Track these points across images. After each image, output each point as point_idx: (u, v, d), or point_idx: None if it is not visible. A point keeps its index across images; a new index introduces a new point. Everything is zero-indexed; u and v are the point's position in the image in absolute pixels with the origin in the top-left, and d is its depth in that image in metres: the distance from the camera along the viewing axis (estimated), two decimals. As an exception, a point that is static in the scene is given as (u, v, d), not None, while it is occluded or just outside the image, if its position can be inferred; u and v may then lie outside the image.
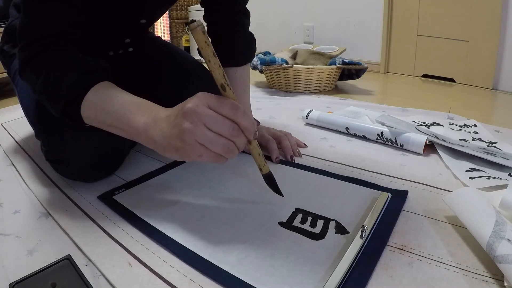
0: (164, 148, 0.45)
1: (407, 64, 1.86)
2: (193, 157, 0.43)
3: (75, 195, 0.62)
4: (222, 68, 0.43)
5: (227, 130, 0.41)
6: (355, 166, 0.71)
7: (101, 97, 0.50)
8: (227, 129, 0.41)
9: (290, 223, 0.52)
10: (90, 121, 0.52)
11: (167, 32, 2.82)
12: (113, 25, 0.71)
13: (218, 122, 0.41)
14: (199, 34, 0.40)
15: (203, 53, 0.42)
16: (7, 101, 1.47)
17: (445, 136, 0.83)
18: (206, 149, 0.42)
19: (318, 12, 2.11)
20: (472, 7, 1.54)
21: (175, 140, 0.42)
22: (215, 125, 0.41)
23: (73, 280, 0.41)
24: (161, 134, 0.44)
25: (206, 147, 0.41)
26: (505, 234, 0.41)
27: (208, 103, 0.41)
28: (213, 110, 0.41)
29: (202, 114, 0.40)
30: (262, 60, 1.46)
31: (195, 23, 0.40)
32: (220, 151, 0.42)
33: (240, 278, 0.41)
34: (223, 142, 0.42)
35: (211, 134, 0.41)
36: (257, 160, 0.51)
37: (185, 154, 0.43)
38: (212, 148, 0.42)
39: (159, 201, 0.59)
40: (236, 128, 0.42)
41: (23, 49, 0.53)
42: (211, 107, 0.41)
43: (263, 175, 0.54)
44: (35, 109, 0.68)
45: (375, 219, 0.50)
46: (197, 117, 0.40)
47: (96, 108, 0.50)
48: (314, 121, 0.96)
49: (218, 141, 0.41)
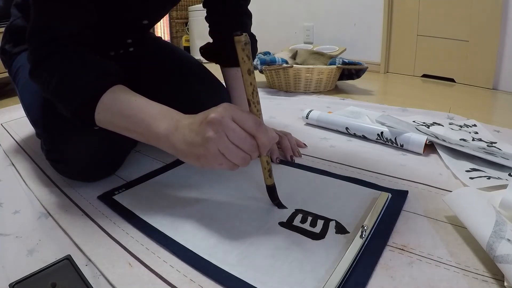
0: (186, 154, 0.46)
1: (407, 64, 1.86)
2: (214, 165, 0.45)
3: (75, 195, 0.62)
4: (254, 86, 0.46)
5: (247, 146, 0.43)
6: (355, 166, 0.71)
7: (118, 100, 0.51)
8: (247, 145, 0.43)
9: (290, 223, 0.52)
10: (104, 123, 0.52)
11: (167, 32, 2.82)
12: (115, 26, 0.71)
13: (241, 137, 0.43)
14: (239, 49, 0.43)
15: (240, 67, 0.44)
16: (7, 101, 1.47)
17: (445, 136, 0.83)
18: (225, 158, 0.44)
19: (318, 12, 2.11)
20: (472, 7, 1.54)
21: (198, 148, 0.44)
22: (237, 139, 0.43)
23: (73, 280, 0.41)
24: (183, 141, 0.45)
25: (224, 156, 0.43)
26: (505, 234, 0.41)
27: (232, 115, 0.43)
28: (236, 123, 0.43)
29: (226, 126, 0.42)
30: (262, 60, 1.46)
31: (240, 37, 0.43)
32: (237, 162, 0.44)
33: (240, 278, 0.41)
34: (242, 155, 0.44)
35: (232, 146, 0.43)
36: (264, 173, 0.53)
37: (206, 161, 0.45)
38: (231, 159, 0.44)
39: (159, 201, 0.59)
40: (255, 145, 0.44)
41: (36, 50, 0.53)
42: (235, 120, 0.43)
43: (266, 186, 0.55)
44: (36, 108, 0.68)
45: (375, 219, 0.50)
46: (221, 128, 0.42)
47: (112, 111, 0.51)
48: (314, 121, 0.96)
49: (238, 153, 0.44)
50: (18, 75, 0.75)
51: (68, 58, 0.52)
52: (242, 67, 0.44)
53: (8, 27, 0.77)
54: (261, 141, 0.44)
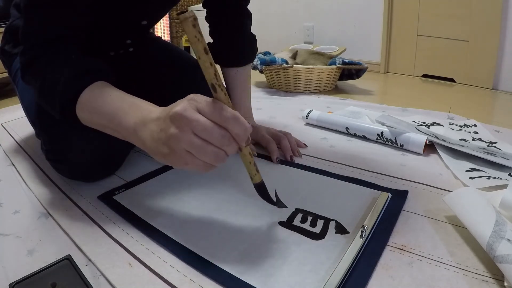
0: (154, 152, 0.42)
1: (407, 64, 1.86)
2: (179, 165, 0.41)
3: (75, 195, 0.62)
4: (215, 66, 0.39)
5: (216, 138, 0.38)
6: (355, 166, 0.71)
7: (94, 97, 0.49)
8: (216, 137, 0.38)
9: (290, 222, 0.52)
10: (86, 122, 0.51)
11: (167, 32, 2.82)
12: (114, 26, 0.71)
13: (207, 129, 0.37)
14: (189, 27, 0.35)
15: (193, 48, 0.37)
16: (7, 101, 1.47)
17: (445, 136, 0.83)
18: (193, 157, 0.39)
19: (318, 12, 2.11)
20: (472, 7, 1.54)
21: (162, 146, 0.40)
22: (203, 132, 0.37)
23: (73, 280, 0.41)
24: (150, 137, 0.42)
25: (193, 154, 0.39)
26: (505, 234, 0.41)
27: (197, 106, 0.38)
28: (202, 114, 0.38)
29: (189, 119, 0.37)
30: (262, 60, 1.46)
31: (185, 14, 0.35)
32: (208, 160, 0.39)
33: (240, 278, 0.41)
34: (211, 150, 0.38)
35: (198, 142, 0.38)
36: (248, 169, 0.47)
37: (171, 160, 0.41)
38: (199, 156, 0.39)
39: (159, 201, 0.59)
40: (226, 136, 0.38)
41: (24, 54, 0.53)
42: (201, 111, 0.38)
43: (254, 185, 0.49)
44: (36, 108, 0.68)
45: (375, 219, 0.50)
46: (184, 122, 0.38)
47: (89, 109, 0.49)
48: (314, 121, 0.96)
49: (206, 149, 0.38)
50: (18, 76, 0.75)
51: (52, 61, 0.52)
52: (196, 46, 0.37)
53: (8, 27, 0.77)
54: (234, 132, 0.38)
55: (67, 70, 0.50)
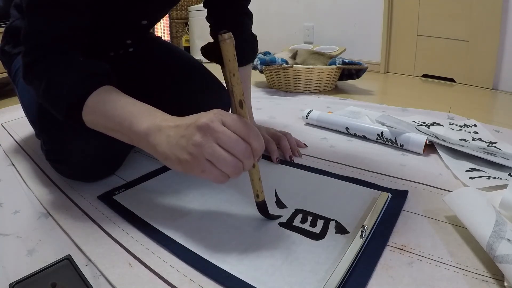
0: (167, 156, 0.43)
1: (407, 64, 1.86)
2: (196, 172, 0.42)
3: (75, 195, 0.62)
4: None
5: (240, 150, 0.40)
6: (355, 166, 0.71)
7: (102, 101, 0.50)
8: (241, 149, 0.40)
9: (290, 223, 0.52)
10: (92, 125, 0.52)
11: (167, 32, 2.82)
12: (114, 27, 0.71)
13: (232, 141, 0.40)
14: (229, 46, 0.41)
15: (229, 66, 0.42)
16: (7, 101, 1.47)
17: (445, 136, 0.83)
18: (211, 165, 0.41)
19: (318, 12, 2.11)
20: (472, 7, 1.54)
21: (181, 151, 0.42)
22: (228, 143, 0.40)
23: (73, 280, 0.41)
24: (167, 142, 0.43)
25: (212, 163, 0.40)
26: (505, 234, 0.41)
27: (223, 120, 0.40)
28: (227, 127, 0.40)
29: (215, 130, 0.39)
30: (262, 60, 1.46)
31: (225, 35, 0.40)
32: (227, 170, 0.41)
33: (240, 278, 0.41)
34: (232, 162, 0.40)
35: (221, 152, 0.40)
36: (256, 186, 0.49)
37: (188, 167, 0.42)
38: (219, 166, 0.40)
39: (159, 201, 0.59)
40: (249, 149, 0.41)
41: (26, 55, 0.53)
42: (226, 125, 0.40)
43: (257, 202, 0.51)
44: (36, 108, 0.68)
45: (375, 219, 0.50)
46: (210, 132, 0.40)
47: (97, 112, 0.50)
48: (314, 121, 0.96)
49: (228, 159, 0.40)
50: (18, 76, 0.75)
51: (55, 63, 0.52)
52: (234, 65, 0.41)
53: (8, 27, 0.77)
54: (254, 147, 0.41)
55: (73, 73, 0.50)
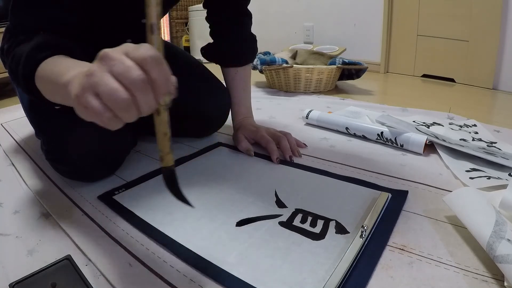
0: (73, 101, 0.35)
1: (407, 64, 1.86)
2: (79, 110, 0.34)
3: (75, 195, 0.62)
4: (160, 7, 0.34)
5: (129, 78, 0.31)
6: (355, 166, 0.71)
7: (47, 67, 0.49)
8: (130, 76, 0.31)
9: (290, 223, 0.52)
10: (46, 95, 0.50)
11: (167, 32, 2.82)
12: (114, 26, 0.71)
13: (123, 67, 0.31)
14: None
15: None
16: (7, 101, 1.47)
17: (445, 136, 0.83)
18: (99, 104, 0.32)
19: (318, 12, 2.11)
20: (472, 7, 1.54)
21: (77, 89, 0.34)
22: (120, 71, 0.31)
23: (73, 280, 0.41)
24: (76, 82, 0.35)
25: (102, 100, 0.32)
26: (505, 234, 0.41)
27: (126, 49, 0.33)
28: (127, 56, 0.32)
29: (111, 58, 0.32)
30: (262, 60, 1.46)
31: None
32: (115, 107, 0.32)
33: (240, 278, 0.41)
34: (121, 95, 0.31)
35: (109, 82, 0.31)
36: (160, 143, 0.38)
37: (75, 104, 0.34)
38: (105, 100, 0.32)
39: (159, 201, 0.59)
40: (142, 79, 0.31)
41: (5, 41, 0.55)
42: (128, 54, 0.32)
43: (162, 168, 0.39)
44: (36, 108, 0.68)
45: (375, 219, 0.51)
46: (105, 61, 0.32)
47: (44, 80, 0.48)
48: (314, 121, 0.96)
49: (116, 93, 0.31)
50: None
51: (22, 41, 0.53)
52: None
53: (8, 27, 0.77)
54: (153, 76, 0.32)
55: (29, 45, 0.51)
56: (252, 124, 0.82)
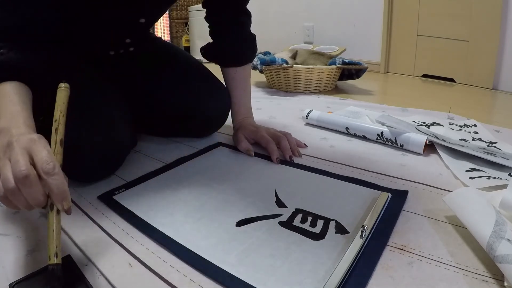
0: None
1: (407, 64, 1.86)
2: None
3: (75, 195, 0.62)
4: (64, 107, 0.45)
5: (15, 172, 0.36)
6: (355, 166, 0.71)
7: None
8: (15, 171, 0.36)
9: (290, 223, 0.52)
10: None
11: (167, 32, 2.82)
12: (112, 25, 0.71)
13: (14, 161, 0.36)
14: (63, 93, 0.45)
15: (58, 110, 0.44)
16: (7, 101, 1.47)
17: (445, 136, 0.83)
18: None
19: (318, 12, 2.11)
20: (472, 7, 1.54)
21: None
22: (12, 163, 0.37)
23: (73, 280, 0.41)
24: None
25: None
26: (505, 234, 0.41)
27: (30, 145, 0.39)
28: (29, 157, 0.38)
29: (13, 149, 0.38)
30: (262, 60, 1.46)
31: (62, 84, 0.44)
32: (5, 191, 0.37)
33: (240, 278, 0.41)
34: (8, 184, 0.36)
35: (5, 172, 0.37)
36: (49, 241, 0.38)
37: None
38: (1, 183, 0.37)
39: (159, 201, 0.59)
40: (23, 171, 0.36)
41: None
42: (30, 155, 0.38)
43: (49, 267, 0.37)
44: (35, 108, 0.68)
45: (375, 219, 0.50)
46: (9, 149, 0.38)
47: None
48: (314, 121, 0.96)
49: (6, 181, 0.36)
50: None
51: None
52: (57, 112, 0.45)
53: None
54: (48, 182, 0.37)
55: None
56: (252, 124, 0.82)
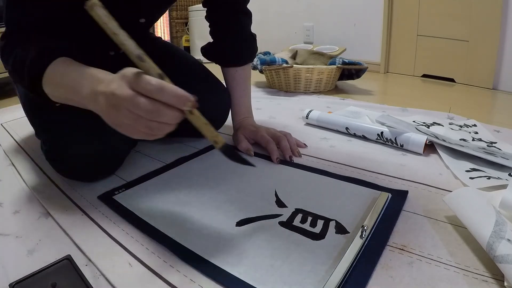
0: (111, 124, 0.45)
1: (407, 64, 1.86)
2: (132, 134, 0.43)
3: (75, 195, 0.62)
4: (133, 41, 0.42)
5: (143, 113, 0.40)
6: (355, 166, 0.71)
7: (57, 71, 0.51)
8: (143, 111, 0.40)
9: (290, 223, 0.52)
10: (53, 97, 0.54)
11: (167, 32, 2.82)
12: None
13: (134, 105, 0.40)
14: (100, 10, 0.40)
15: (108, 28, 0.41)
16: (7, 101, 1.47)
17: (445, 136, 0.83)
18: (133, 128, 0.42)
19: (318, 12, 2.11)
20: (472, 7, 1.54)
21: (109, 120, 0.44)
22: (133, 108, 0.40)
23: (73, 280, 0.41)
24: (101, 110, 0.45)
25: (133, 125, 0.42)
26: (505, 234, 0.41)
27: (129, 82, 0.41)
28: (132, 89, 0.40)
29: (121, 98, 0.40)
30: (262, 60, 1.46)
31: (88, 3, 0.40)
32: (144, 131, 0.42)
33: (240, 278, 0.41)
34: (144, 123, 0.41)
35: (131, 117, 0.41)
36: (206, 132, 0.44)
37: (124, 131, 0.44)
38: (137, 128, 0.42)
39: (159, 201, 0.59)
40: (154, 109, 0.40)
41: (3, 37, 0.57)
42: (131, 86, 0.40)
43: (220, 149, 0.46)
44: (36, 108, 0.68)
45: (375, 219, 0.50)
46: (117, 101, 0.41)
47: (52, 83, 0.52)
48: (314, 121, 0.96)
49: (138, 122, 0.41)
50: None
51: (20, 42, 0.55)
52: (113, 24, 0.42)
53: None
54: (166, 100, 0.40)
55: (33, 48, 0.53)
56: (252, 124, 0.82)
